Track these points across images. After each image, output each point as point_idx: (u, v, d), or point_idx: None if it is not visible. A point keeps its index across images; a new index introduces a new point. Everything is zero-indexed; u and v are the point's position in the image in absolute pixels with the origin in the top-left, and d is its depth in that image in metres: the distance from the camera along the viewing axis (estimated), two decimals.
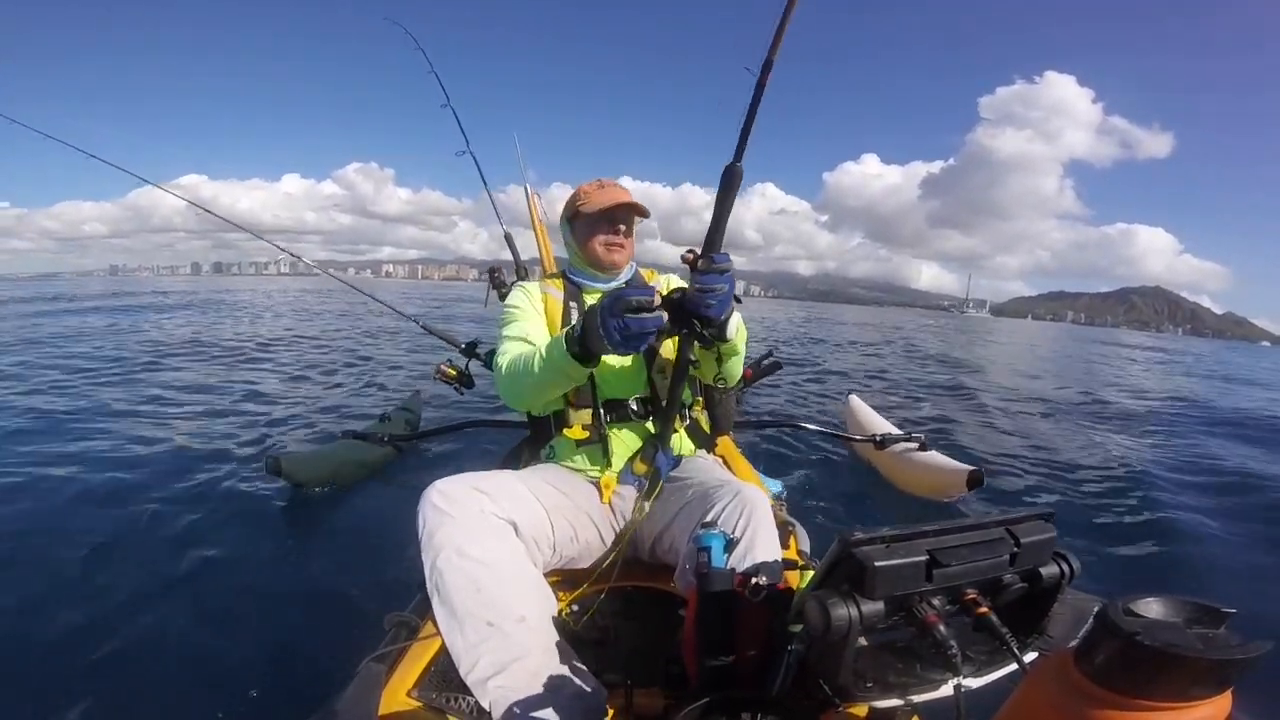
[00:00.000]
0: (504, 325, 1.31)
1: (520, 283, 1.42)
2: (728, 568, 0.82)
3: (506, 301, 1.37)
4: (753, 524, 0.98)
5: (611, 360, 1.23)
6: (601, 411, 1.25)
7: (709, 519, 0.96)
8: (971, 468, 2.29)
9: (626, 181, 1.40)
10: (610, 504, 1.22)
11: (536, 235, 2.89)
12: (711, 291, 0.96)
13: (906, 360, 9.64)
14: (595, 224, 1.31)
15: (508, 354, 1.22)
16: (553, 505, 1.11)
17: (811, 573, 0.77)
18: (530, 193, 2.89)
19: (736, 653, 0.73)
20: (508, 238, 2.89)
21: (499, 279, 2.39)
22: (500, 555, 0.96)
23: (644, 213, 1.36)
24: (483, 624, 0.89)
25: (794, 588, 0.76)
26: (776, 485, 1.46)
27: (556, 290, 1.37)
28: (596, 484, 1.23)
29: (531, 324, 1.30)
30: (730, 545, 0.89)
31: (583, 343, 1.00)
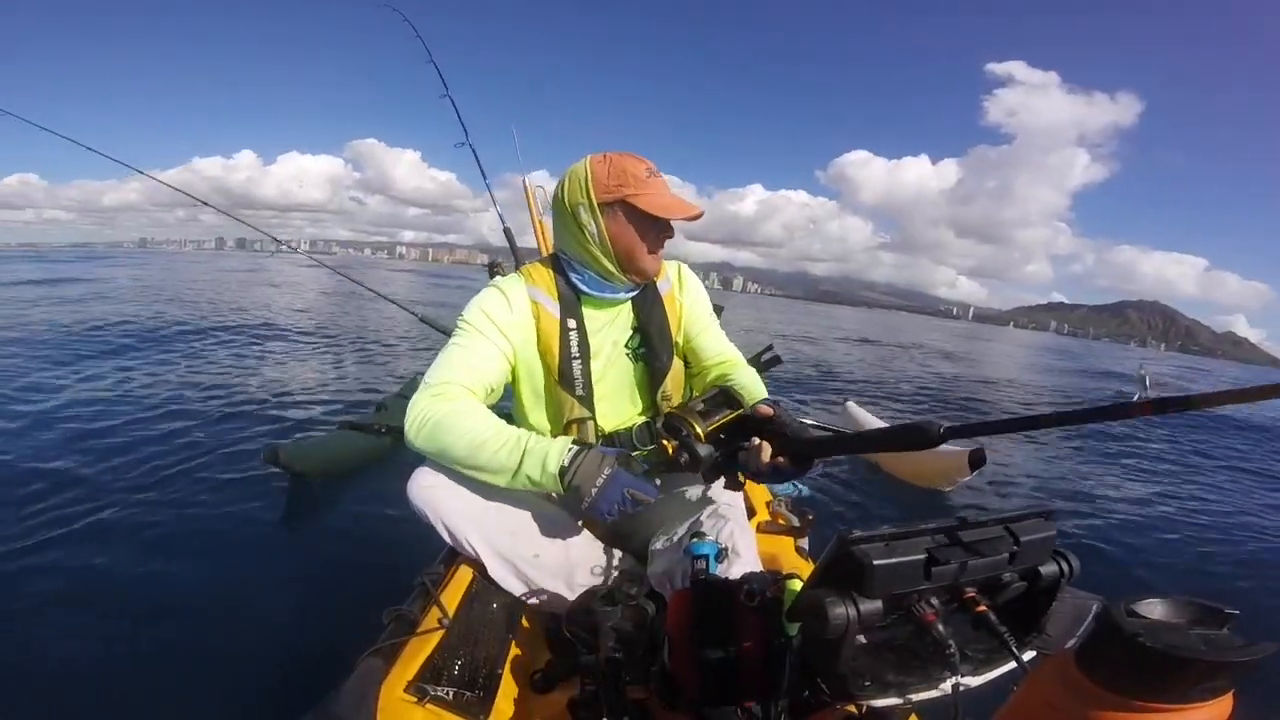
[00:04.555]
0: (446, 349, 1.04)
1: (497, 283, 1.10)
2: (720, 577, 0.85)
3: (468, 315, 1.06)
4: (735, 536, 0.98)
5: (612, 390, 1.14)
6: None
7: (701, 529, 0.98)
8: (971, 448, 2.28)
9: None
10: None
11: (537, 232, 2.88)
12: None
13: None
14: (647, 225, 1.02)
15: (444, 401, 0.96)
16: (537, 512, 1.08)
17: (800, 583, 0.78)
18: (529, 187, 2.87)
19: (738, 658, 0.74)
20: (507, 232, 2.88)
21: (499, 273, 2.37)
22: (508, 496, 1.02)
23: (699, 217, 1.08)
24: (530, 556, 1.02)
25: (782, 597, 0.77)
26: (788, 486, 1.44)
27: (549, 298, 1.08)
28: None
29: (483, 358, 1.03)
30: (722, 555, 0.90)
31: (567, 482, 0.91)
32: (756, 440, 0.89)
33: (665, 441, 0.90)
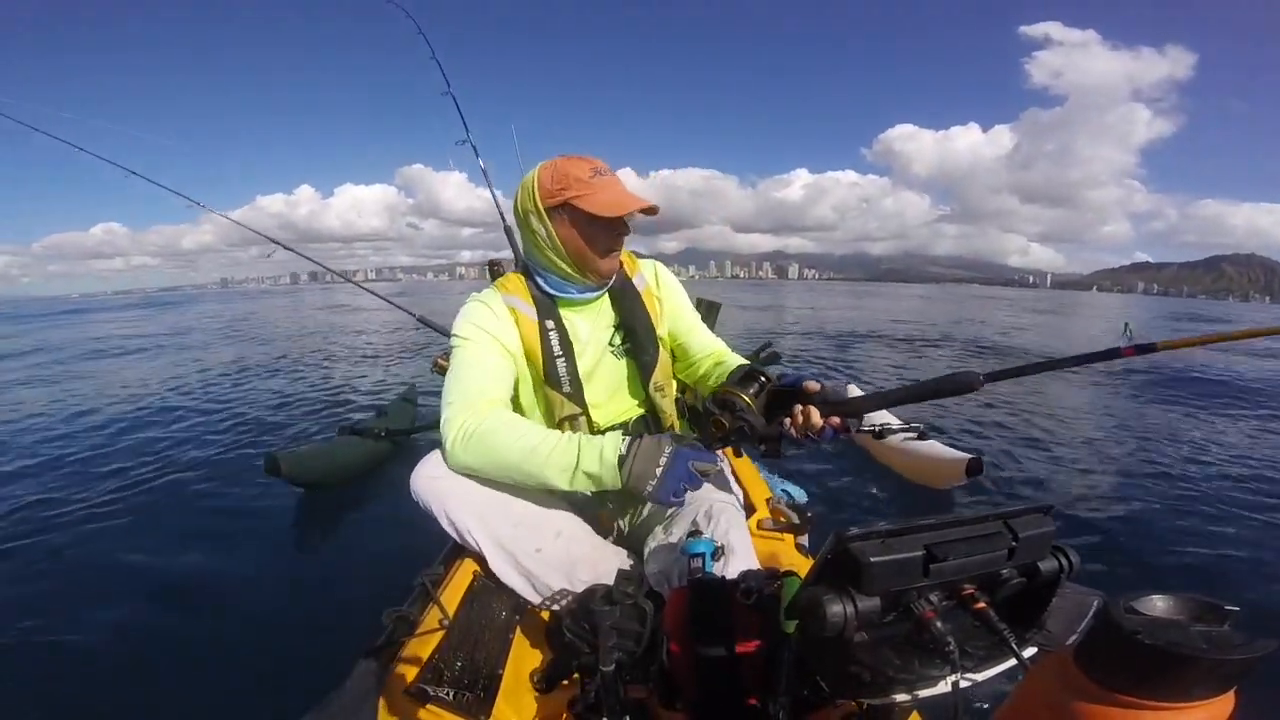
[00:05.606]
0: (455, 367, 1.04)
1: (477, 296, 1.12)
2: (717, 575, 0.85)
3: (462, 332, 1.07)
4: (731, 533, 0.99)
5: (604, 388, 1.16)
6: None
7: (695, 527, 0.99)
8: (970, 455, 2.28)
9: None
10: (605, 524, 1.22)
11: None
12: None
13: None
14: (596, 227, 1.04)
15: (478, 415, 0.97)
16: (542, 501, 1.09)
17: (797, 581, 0.78)
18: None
19: (736, 656, 0.74)
20: (508, 231, 2.88)
21: (499, 272, 2.38)
22: (512, 489, 1.02)
23: (654, 211, 1.09)
24: (532, 550, 1.01)
25: (779, 594, 0.77)
26: (799, 492, 1.44)
27: (525, 303, 1.10)
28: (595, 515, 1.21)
29: (494, 366, 1.05)
30: (718, 553, 0.91)
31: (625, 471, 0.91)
32: (799, 407, 0.93)
33: (718, 418, 0.93)
